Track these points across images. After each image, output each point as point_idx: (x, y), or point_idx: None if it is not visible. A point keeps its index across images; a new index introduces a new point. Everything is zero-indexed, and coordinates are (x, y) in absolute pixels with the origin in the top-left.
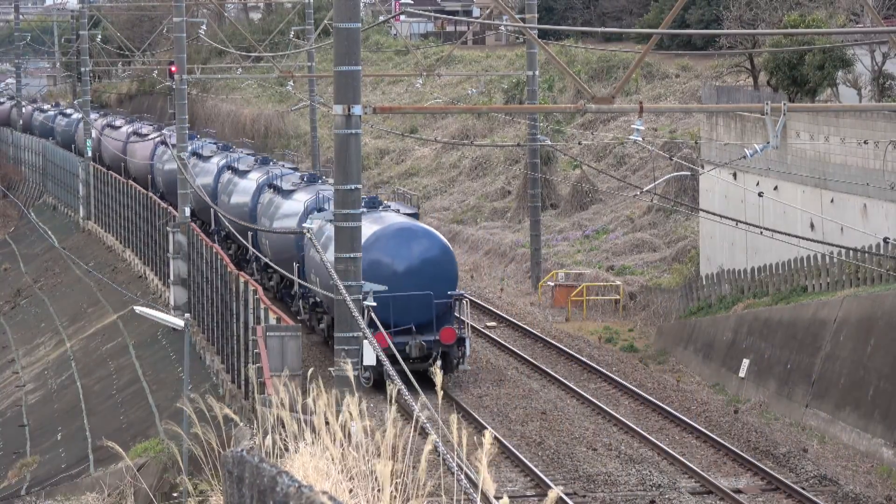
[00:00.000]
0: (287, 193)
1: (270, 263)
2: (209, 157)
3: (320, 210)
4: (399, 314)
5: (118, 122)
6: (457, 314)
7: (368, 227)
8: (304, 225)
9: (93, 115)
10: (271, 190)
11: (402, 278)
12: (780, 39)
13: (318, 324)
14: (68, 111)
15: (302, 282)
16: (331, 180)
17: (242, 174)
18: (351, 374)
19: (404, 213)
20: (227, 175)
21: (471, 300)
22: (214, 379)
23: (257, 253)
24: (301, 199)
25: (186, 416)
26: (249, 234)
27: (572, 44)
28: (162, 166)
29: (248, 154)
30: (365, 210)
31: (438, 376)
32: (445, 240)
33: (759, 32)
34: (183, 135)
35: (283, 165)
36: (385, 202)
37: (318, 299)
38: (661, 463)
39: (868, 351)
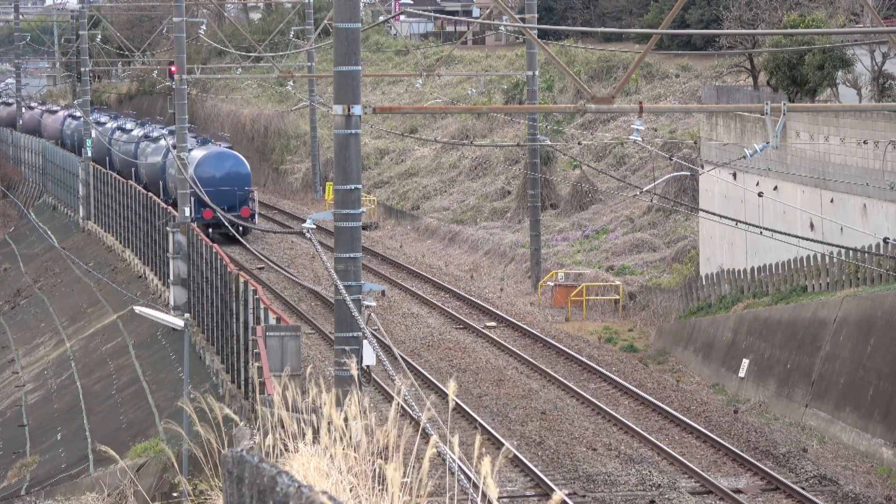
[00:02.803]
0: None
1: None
2: (158, 139)
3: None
4: (217, 200)
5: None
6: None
7: (200, 152)
8: (303, 226)
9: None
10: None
11: (218, 180)
12: (780, 39)
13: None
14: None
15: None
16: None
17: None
18: (355, 371)
19: (223, 146)
20: (174, 151)
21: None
22: (214, 379)
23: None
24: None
25: (187, 416)
26: (194, 198)
27: (572, 44)
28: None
29: (192, 137)
30: (199, 144)
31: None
32: (244, 159)
33: (759, 32)
34: (183, 135)
35: (220, 145)
36: (212, 140)
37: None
38: (661, 463)
39: (868, 351)
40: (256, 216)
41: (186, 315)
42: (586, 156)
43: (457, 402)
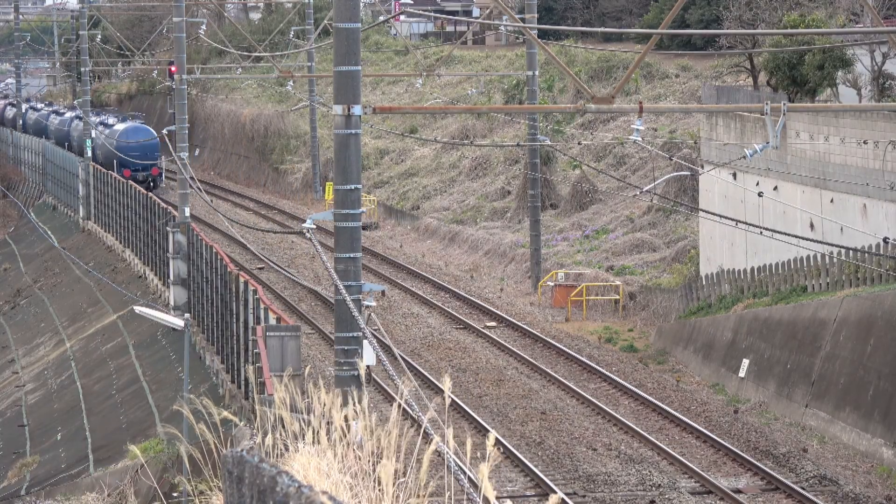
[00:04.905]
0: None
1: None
2: (69, 116)
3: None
4: (136, 162)
5: (111, 121)
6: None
7: (123, 126)
8: (303, 226)
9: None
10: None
11: (134, 146)
12: (780, 39)
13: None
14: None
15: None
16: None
17: (110, 126)
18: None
19: (139, 122)
20: (100, 127)
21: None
22: (214, 379)
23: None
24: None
25: (186, 416)
26: (115, 160)
27: (572, 44)
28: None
29: (113, 116)
30: (120, 121)
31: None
32: (154, 131)
33: (759, 32)
34: (183, 135)
35: (137, 122)
36: (131, 118)
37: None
38: (661, 463)
39: (868, 351)
40: (164, 174)
41: (186, 315)
42: (586, 156)
43: (456, 402)
